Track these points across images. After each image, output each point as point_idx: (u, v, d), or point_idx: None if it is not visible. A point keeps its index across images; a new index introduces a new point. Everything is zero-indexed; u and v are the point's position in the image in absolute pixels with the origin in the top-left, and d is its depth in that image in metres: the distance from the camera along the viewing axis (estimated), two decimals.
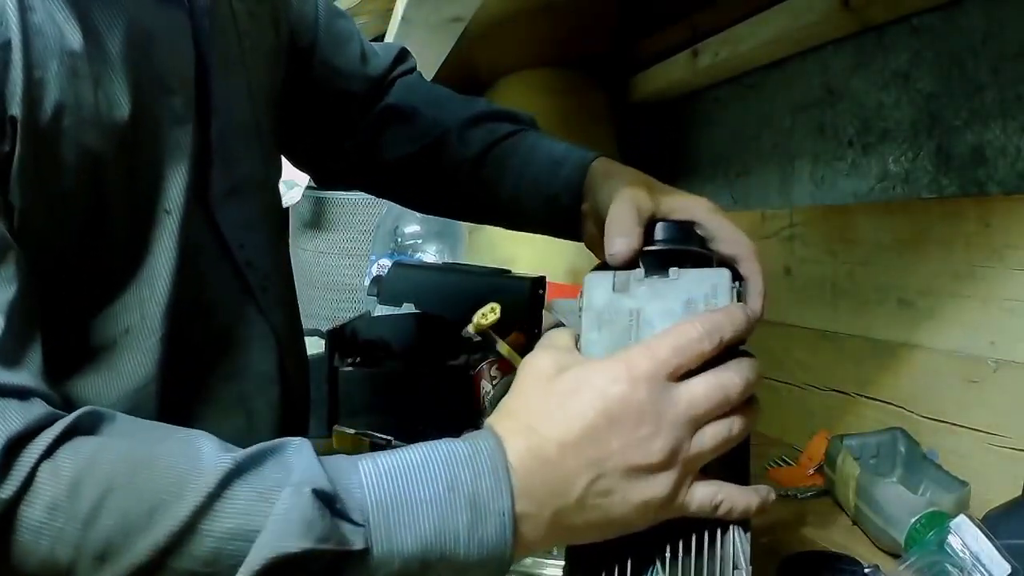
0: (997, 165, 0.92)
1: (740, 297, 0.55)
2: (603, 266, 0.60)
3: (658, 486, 0.47)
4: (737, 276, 0.57)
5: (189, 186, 0.59)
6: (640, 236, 0.58)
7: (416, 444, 0.48)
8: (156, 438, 0.47)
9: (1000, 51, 0.91)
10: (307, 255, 1.70)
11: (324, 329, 1.21)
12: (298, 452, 0.45)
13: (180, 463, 0.44)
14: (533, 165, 0.77)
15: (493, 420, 0.50)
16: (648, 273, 0.54)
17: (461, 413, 1.03)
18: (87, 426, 0.45)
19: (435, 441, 0.48)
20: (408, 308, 1.26)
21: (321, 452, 0.47)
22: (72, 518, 0.42)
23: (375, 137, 0.86)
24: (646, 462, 0.47)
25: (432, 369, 1.14)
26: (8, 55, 0.49)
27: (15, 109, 0.49)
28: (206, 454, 0.44)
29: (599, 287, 0.54)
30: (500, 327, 0.85)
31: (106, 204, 0.55)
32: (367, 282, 1.45)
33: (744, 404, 0.50)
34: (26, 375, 0.46)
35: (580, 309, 0.54)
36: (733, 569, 0.49)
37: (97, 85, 0.53)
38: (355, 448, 1.07)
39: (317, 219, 1.67)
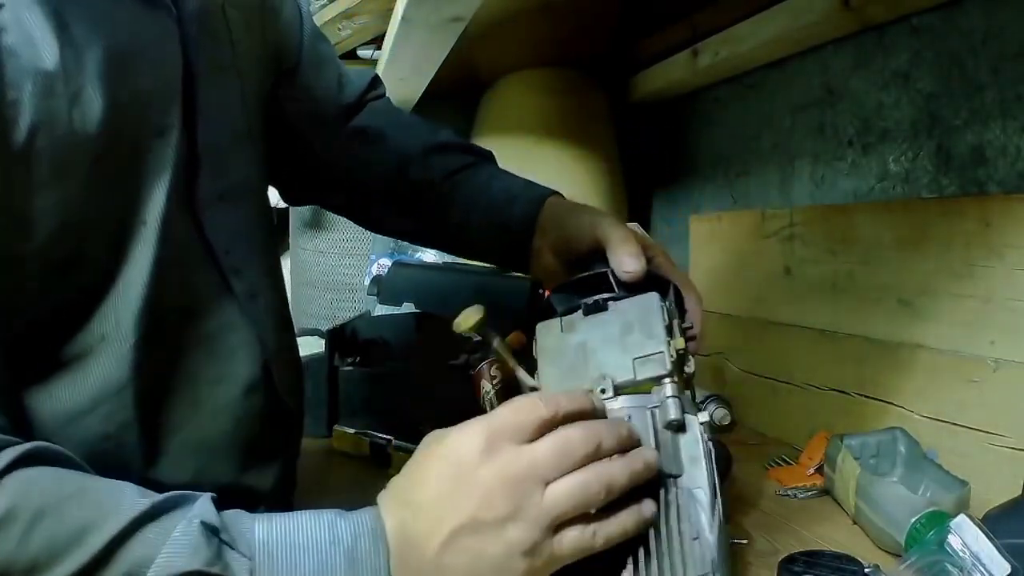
0: (997, 165, 0.92)
1: (671, 314, 0.61)
2: (560, 288, 0.66)
3: (514, 534, 0.49)
4: (677, 300, 0.64)
5: (170, 196, 0.59)
6: (644, 257, 0.65)
7: (307, 511, 0.53)
8: (89, 476, 0.51)
9: (1000, 51, 0.91)
10: (307, 255, 1.70)
11: (324, 329, 1.21)
12: (202, 500, 0.51)
13: (105, 499, 0.49)
14: (488, 196, 0.81)
15: (381, 494, 0.54)
16: (589, 310, 0.61)
17: (461, 413, 1.03)
18: (35, 457, 0.49)
19: (325, 509, 0.52)
20: (408, 308, 1.26)
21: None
22: (7, 539, 0.46)
23: (340, 158, 0.88)
24: (492, 516, 0.49)
25: (432, 369, 1.14)
26: None
27: None
28: (128, 495, 0.50)
29: (549, 332, 0.61)
30: (499, 327, 0.86)
31: (83, 220, 0.55)
32: (367, 282, 1.45)
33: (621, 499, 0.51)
34: None
35: (535, 354, 0.61)
36: (694, 540, 0.52)
37: (73, 103, 0.52)
38: (355, 448, 1.07)
39: (317, 219, 1.67)
